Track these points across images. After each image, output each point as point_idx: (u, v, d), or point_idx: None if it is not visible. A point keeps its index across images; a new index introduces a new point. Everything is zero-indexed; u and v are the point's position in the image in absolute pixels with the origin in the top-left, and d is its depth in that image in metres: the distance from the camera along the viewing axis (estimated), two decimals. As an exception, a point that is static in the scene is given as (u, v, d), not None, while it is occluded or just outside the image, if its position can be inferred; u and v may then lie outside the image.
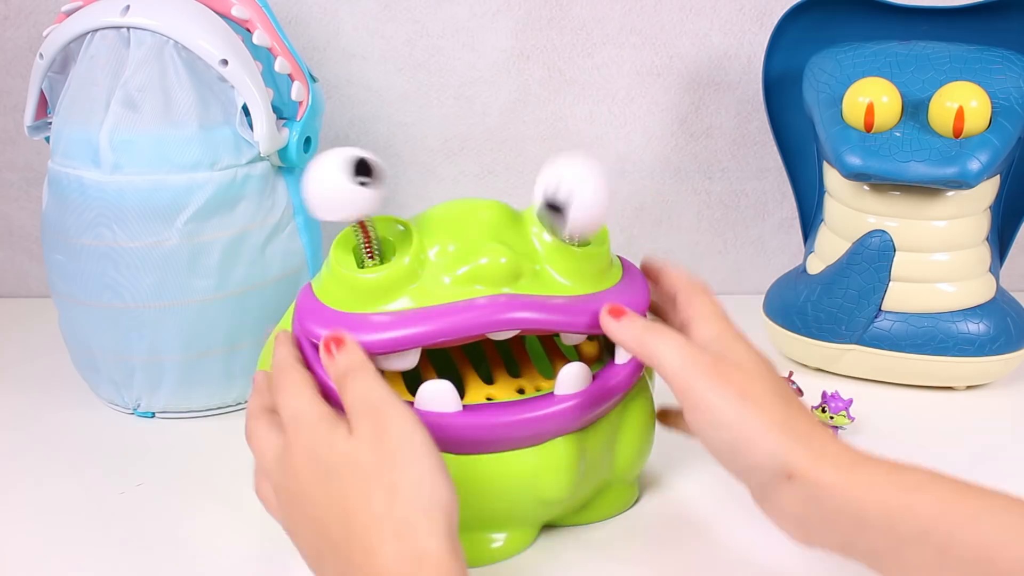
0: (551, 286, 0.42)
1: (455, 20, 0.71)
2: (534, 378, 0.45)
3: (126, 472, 0.52)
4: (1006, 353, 0.59)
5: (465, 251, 0.41)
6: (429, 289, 0.40)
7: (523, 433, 0.41)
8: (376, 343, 0.39)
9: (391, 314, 0.40)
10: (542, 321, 0.40)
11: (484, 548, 0.44)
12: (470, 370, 0.46)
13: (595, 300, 0.42)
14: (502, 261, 0.40)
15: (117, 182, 0.52)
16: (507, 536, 0.44)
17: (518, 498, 0.42)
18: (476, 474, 0.41)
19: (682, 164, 0.76)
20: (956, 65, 0.57)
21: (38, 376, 0.64)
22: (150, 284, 0.54)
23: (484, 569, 0.44)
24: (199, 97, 0.53)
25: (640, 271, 0.47)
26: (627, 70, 0.73)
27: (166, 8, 0.53)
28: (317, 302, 0.42)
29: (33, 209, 0.77)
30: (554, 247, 0.42)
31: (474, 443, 0.41)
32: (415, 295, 0.40)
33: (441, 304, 0.40)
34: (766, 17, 0.71)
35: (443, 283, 0.40)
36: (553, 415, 0.41)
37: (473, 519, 0.43)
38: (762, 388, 0.38)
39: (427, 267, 0.41)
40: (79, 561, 0.45)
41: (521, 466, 0.41)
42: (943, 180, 0.55)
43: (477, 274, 0.40)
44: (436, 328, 0.39)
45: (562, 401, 0.41)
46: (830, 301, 0.61)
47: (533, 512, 0.44)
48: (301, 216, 0.59)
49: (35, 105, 0.58)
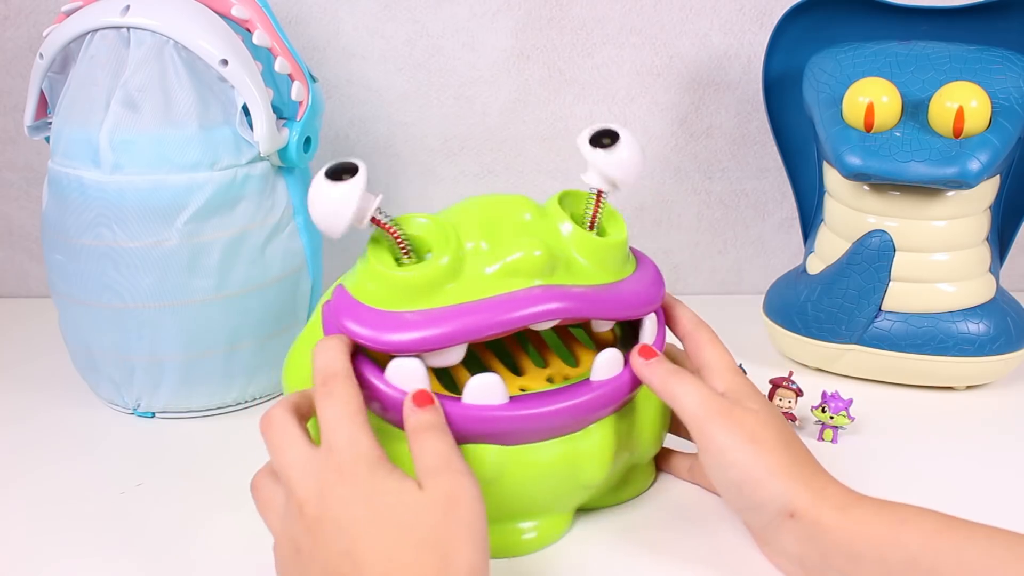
0: (582, 275, 0.43)
1: (455, 20, 0.71)
2: (560, 367, 0.46)
3: (126, 472, 0.52)
4: (1006, 353, 0.59)
5: (499, 246, 0.42)
6: (467, 285, 0.41)
7: (568, 420, 0.42)
8: (422, 340, 0.40)
9: (434, 311, 0.40)
10: (579, 309, 0.41)
11: (517, 539, 0.44)
12: (497, 363, 0.47)
13: (620, 288, 0.44)
14: (536, 254, 0.41)
15: (117, 182, 0.52)
16: (543, 523, 0.45)
17: (561, 484, 0.43)
18: (522, 464, 0.42)
19: (682, 164, 0.76)
20: (956, 65, 0.57)
21: (38, 376, 0.64)
22: (150, 284, 0.54)
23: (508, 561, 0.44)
24: (199, 97, 0.53)
25: (650, 259, 0.48)
26: (627, 70, 0.73)
27: (166, 8, 0.53)
28: (354, 301, 0.42)
29: (33, 209, 0.77)
30: (579, 237, 0.43)
31: (524, 433, 0.41)
32: (454, 292, 0.41)
33: (481, 299, 0.41)
34: (766, 17, 0.71)
35: (480, 279, 0.41)
36: (594, 401, 0.42)
37: (516, 509, 0.44)
38: (771, 434, 0.41)
39: (464, 263, 0.42)
40: (79, 561, 0.45)
41: (564, 452, 0.42)
42: (943, 180, 0.55)
43: (513, 268, 0.41)
44: (480, 322, 0.40)
45: (600, 387, 0.43)
46: (830, 301, 0.61)
47: (573, 497, 0.45)
48: (301, 216, 0.59)
49: (35, 105, 0.58)
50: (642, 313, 0.45)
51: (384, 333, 0.40)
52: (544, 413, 0.41)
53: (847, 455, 0.53)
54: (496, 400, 0.41)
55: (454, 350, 0.41)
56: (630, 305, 0.44)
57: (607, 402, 0.43)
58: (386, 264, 0.41)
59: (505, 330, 0.40)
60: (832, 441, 0.55)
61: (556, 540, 0.45)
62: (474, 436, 0.41)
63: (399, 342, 0.40)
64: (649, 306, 0.45)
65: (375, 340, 0.40)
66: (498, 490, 0.42)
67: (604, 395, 0.43)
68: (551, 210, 0.44)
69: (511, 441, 0.42)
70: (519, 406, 0.41)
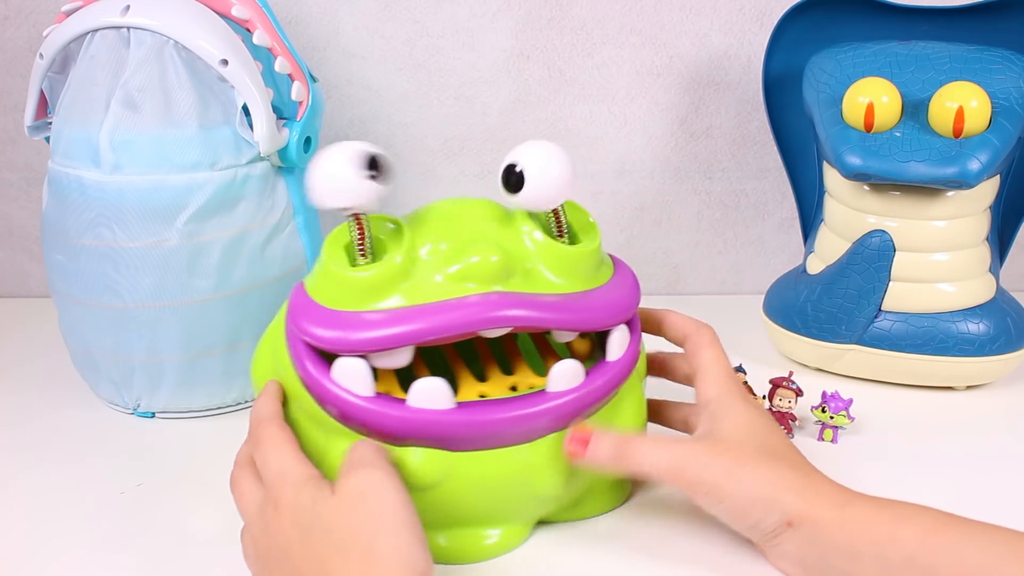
0: (542, 284, 0.42)
1: (455, 20, 0.71)
2: (527, 375, 0.45)
3: (126, 472, 0.52)
4: (1006, 353, 0.59)
5: (456, 249, 0.41)
6: (421, 287, 0.41)
7: (516, 430, 0.41)
8: (369, 341, 0.39)
9: (383, 312, 0.40)
10: (534, 319, 0.40)
11: (478, 544, 0.44)
12: (463, 367, 0.46)
13: (587, 298, 0.43)
14: (493, 259, 0.40)
15: (117, 182, 0.52)
16: (501, 532, 0.44)
17: (512, 494, 0.43)
18: (470, 471, 0.41)
19: (682, 164, 0.76)
20: (956, 65, 0.57)
21: (38, 376, 0.64)
22: (150, 284, 0.54)
23: (478, 565, 0.44)
24: (199, 97, 0.53)
25: (630, 269, 0.47)
26: (627, 70, 0.73)
27: (166, 8, 0.53)
28: (310, 300, 0.42)
29: (33, 209, 0.77)
30: (545, 245, 0.42)
31: (468, 440, 0.41)
32: (407, 293, 0.40)
33: (433, 302, 0.40)
34: (766, 17, 0.71)
35: (435, 281, 0.41)
36: (546, 412, 0.41)
37: (467, 515, 0.43)
38: (751, 453, 0.41)
39: (419, 265, 0.41)
40: (79, 561, 0.45)
41: (515, 463, 0.41)
42: (943, 180, 0.55)
43: (468, 272, 0.40)
44: (428, 326, 0.39)
45: (555, 398, 0.42)
46: (830, 301, 0.61)
47: (527, 508, 0.44)
48: (301, 216, 0.59)
49: (35, 105, 0.58)
50: (608, 325, 0.43)
51: (330, 332, 0.40)
52: (490, 420, 0.40)
53: (847, 455, 0.53)
54: (441, 404, 0.40)
55: (401, 352, 0.40)
56: (595, 315, 0.43)
57: (561, 414, 0.42)
58: (340, 263, 0.41)
59: (455, 335, 0.40)
60: (832, 441, 0.55)
61: (515, 547, 0.45)
62: (418, 439, 0.41)
63: (346, 341, 0.40)
64: (616, 318, 0.44)
65: (321, 339, 0.40)
66: (448, 495, 0.41)
67: (558, 407, 0.41)
68: (518, 216, 0.43)
69: (458, 447, 0.41)
70: (465, 412, 0.40)
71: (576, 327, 0.42)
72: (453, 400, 0.41)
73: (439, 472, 0.41)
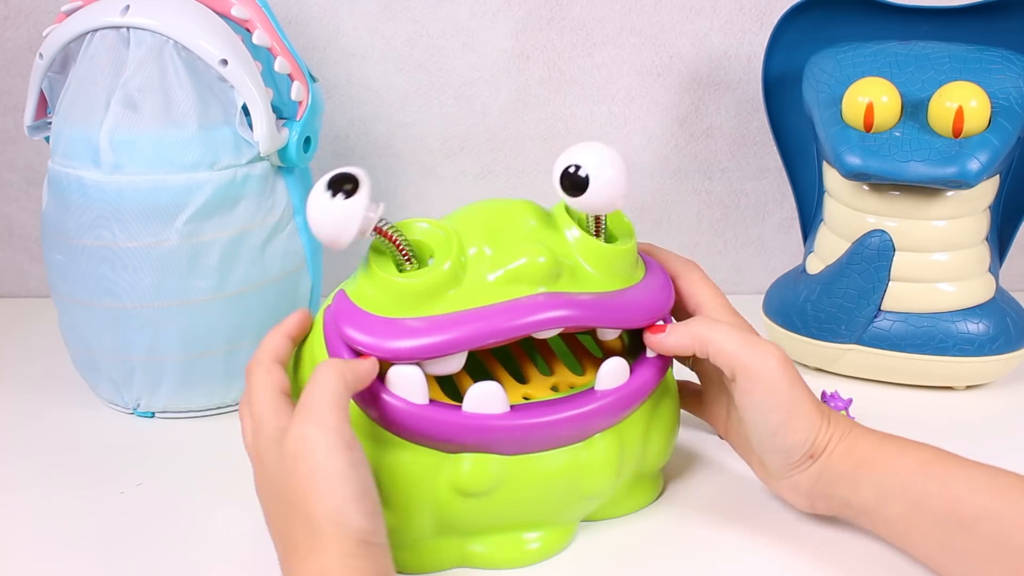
0: (586, 283, 0.42)
1: (455, 20, 0.71)
2: (566, 375, 0.46)
3: (126, 472, 0.52)
4: (1006, 353, 0.59)
5: (503, 252, 0.41)
6: (469, 291, 0.40)
7: (571, 430, 0.41)
8: (423, 348, 0.39)
9: (435, 318, 0.40)
10: (584, 318, 0.41)
11: (519, 549, 0.44)
12: (502, 370, 0.46)
13: (627, 295, 0.43)
14: (540, 261, 0.40)
15: (117, 182, 0.52)
16: (542, 535, 0.44)
17: (561, 495, 0.43)
18: (522, 474, 0.41)
19: (682, 164, 0.76)
20: (956, 65, 0.57)
21: (38, 376, 0.64)
22: (150, 284, 0.54)
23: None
24: (199, 97, 0.53)
25: (660, 267, 0.47)
26: (627, 70, 0.73)
27: (166, 8, 0.53)
28: (355, 307, 0.41)
29: (33, 209, 0.77)
30: (585, 244, 0.43)
31: (523, 443, 0.41)
32: (456, 298, 0.40)
33: (483, 306, 0.40)
34: (766, 17, 0.71)
35: (482, 285, 0.41)
36: (598, 411, 0.42)
37: (513, 520, 0.43)
38: (792, 368, 0.43)
39: (467, 269, 0.41)
40: (78, 561, 0.45)
41: (566, 463, 0.42)
42: (943, 180, 0.55)
43: (516, 275, 0.40)
44: (483, 330, 0.39)
45: (605, 396, 0.42)
46: (830, 301, 0.61)
47: (573, 509, 0.44)
48: (301, 216, 0.59)
49: (35, 105, 0.58)
50: (648, 321, 0.44)
51: (385, 340, 0.40)
52: (545, 423, 0.41)
53: (847, 455, 0.53)
54: (496, 409, 0.40)
55: (454, 358, 0.40)
56: (636, 313, 0.43)
57: (611, 412, 0.42)
58: (388, 271, 0.41)
59: (508, 338, 0.40)
60: (832, 441, 0.55)
61: (559, 551, 0.45)
62: (474, 445, 0.40)
63: (399, 349, 0.39)
64: (656, 314, 0.44)
65: (376, 347, 0.40)
66: (499, 500, 0.41)
67: (608, 405, 0.42)
68: (557, 216, 0.43)
69: (512, 451, 0.41)
70: (520, 415, 0.41)
71: (622, 324, 0.43)
72: (508, 403, 0.41)
73: (492, 478, 0.41)
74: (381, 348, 0.40)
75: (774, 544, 0.45)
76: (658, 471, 0.49)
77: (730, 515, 0.48)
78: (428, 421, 0.40)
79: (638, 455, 0.45)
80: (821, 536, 0.46)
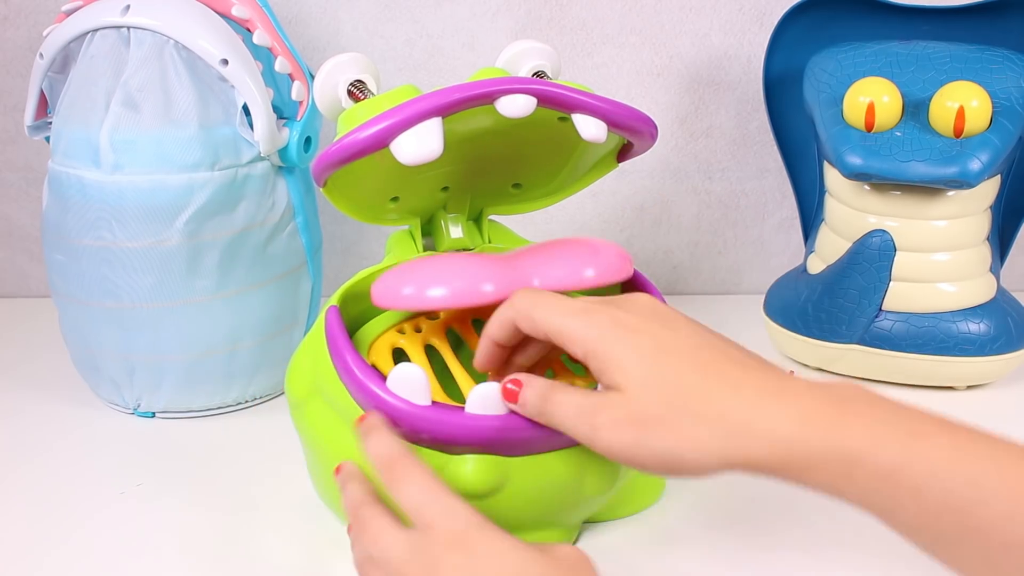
0: None
1: (455, 20, 0.71)
2: (566, 376, 0.45)
3: (126, 472, 0.52)
4: (1006, 353, 0.59)
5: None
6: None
7: None
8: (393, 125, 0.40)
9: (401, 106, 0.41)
10: (556, 94, 0.42)
11: None
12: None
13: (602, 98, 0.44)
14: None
15: (117, 182, 0.52)
16: (548, 536, 0.44)
17: (562, 497, 0.43)
18: (524, 475, 0.41)
19: (682, 164, 0.76)
20: (957, 65, 0.57)
21: (38, 376, 0.64)
22: (150, 284, 0.53)
23: None
24: (199, 97, 0.53)
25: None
26: (627, 70, 0.73)
27: (166, 8, 0.53)
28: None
29: (33, 209, 0.77)
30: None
31: (526, 444, 0.40)
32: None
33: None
34: (766, 17, 0.71)
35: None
36: None
37: (514, 523, 0.42)
38: (665, 392, 0.36)
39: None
40: (78, 561, 0.45)
41: (567, 464, 0.41)
42: (944, 180, 0.55)
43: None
44: (449, 95, 0.40)
45: None
46: (831, 301, 0.61)
47: (573, 511, 0.44)
48: (301, 216, 0.59)
49: (35, 105, 0.57)
50: (629, 119, 0.44)
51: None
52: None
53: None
54: (500, 409, 0.40)
55: (430, 134, 0.40)
56: (617, 108, 0.44)
57: None
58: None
59: (474, 100, 0.40)
60: (833, 441, 0.55)
61: None
62: (477, 446, 0.40)
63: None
64: (638, 120, 0.45)
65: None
66: (502, 501, 0.41)
67: None
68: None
69: (515, 452, 0.41)
70: (521, 416, 0.40)
71: (597, 113, 0.43)
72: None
73: (495, 479, 0.40)
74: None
75: (776, 545, 0.45)
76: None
77: (732, 516, 0.48)
78: (431, 422, 0.40)
79: None
80: (822, 537, 0.46)
